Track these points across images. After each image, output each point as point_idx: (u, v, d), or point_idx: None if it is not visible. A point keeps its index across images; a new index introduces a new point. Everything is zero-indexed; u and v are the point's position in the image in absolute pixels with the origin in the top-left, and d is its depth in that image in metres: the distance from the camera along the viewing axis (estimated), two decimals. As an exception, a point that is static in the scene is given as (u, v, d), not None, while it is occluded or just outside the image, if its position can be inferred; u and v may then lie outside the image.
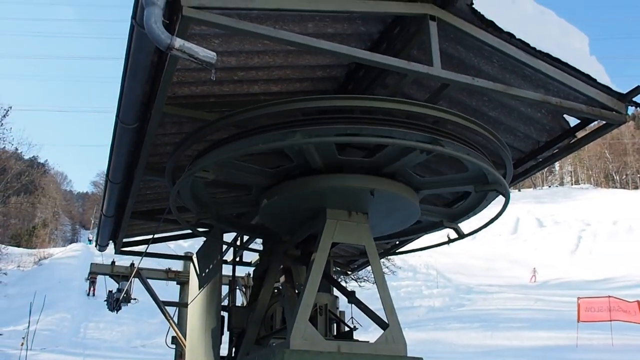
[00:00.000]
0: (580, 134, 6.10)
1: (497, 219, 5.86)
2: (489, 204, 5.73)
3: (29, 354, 20.52)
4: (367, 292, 23.42)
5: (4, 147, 53.43)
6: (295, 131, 4.08)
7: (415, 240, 7.58)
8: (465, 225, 6.13)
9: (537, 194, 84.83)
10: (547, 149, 6.33)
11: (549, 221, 70.30)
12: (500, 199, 5.50)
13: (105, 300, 10.49)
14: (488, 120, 5.94)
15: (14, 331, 27.70)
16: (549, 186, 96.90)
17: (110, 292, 10.38)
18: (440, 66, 4.61)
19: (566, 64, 5.13)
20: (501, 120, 6.13)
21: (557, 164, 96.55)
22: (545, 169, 76.33)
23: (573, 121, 5.99)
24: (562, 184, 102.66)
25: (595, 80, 5.28)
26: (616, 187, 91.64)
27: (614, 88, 5.41)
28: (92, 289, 37.55)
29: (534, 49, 4.96)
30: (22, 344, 21.96)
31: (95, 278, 11.63)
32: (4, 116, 50.44)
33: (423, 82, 5.74)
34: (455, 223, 6.01)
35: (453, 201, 7.04)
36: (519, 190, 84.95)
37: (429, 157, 4.70)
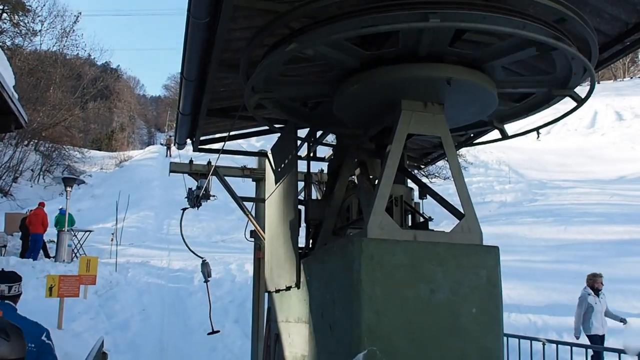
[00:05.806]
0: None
1: (571, 113, 5.60)
2: (555, 104, 5.50)
3: (118, 249, 22.10)
4: (437, 188, 23.40)
5: (78, 53, 55.26)
6: (435, 12, 3.85)
7: (489, 134, 7.40)
8: (537, 119, 5.94)
9: (617, 86, 79.99)
10: (637, 31, 5.89)
11: (629, 114, 66.61)
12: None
13: (185, 198, 11.04)
14: (572, 1, 5.54)
15: (103, 228, 29.80)
16: (631, 77, 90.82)
17: (190, 189, 10.88)
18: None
19: None
20: (586, 1, 5.71)
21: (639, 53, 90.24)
22: (628, 59, 71.23)
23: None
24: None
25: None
26: None
27: None
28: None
29: None
30: (112, 240, 23.74)
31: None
32: (75, 22, 51.74)
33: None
34: (502, 124, 5.84)
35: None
36: (598, 82, 79.93)
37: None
